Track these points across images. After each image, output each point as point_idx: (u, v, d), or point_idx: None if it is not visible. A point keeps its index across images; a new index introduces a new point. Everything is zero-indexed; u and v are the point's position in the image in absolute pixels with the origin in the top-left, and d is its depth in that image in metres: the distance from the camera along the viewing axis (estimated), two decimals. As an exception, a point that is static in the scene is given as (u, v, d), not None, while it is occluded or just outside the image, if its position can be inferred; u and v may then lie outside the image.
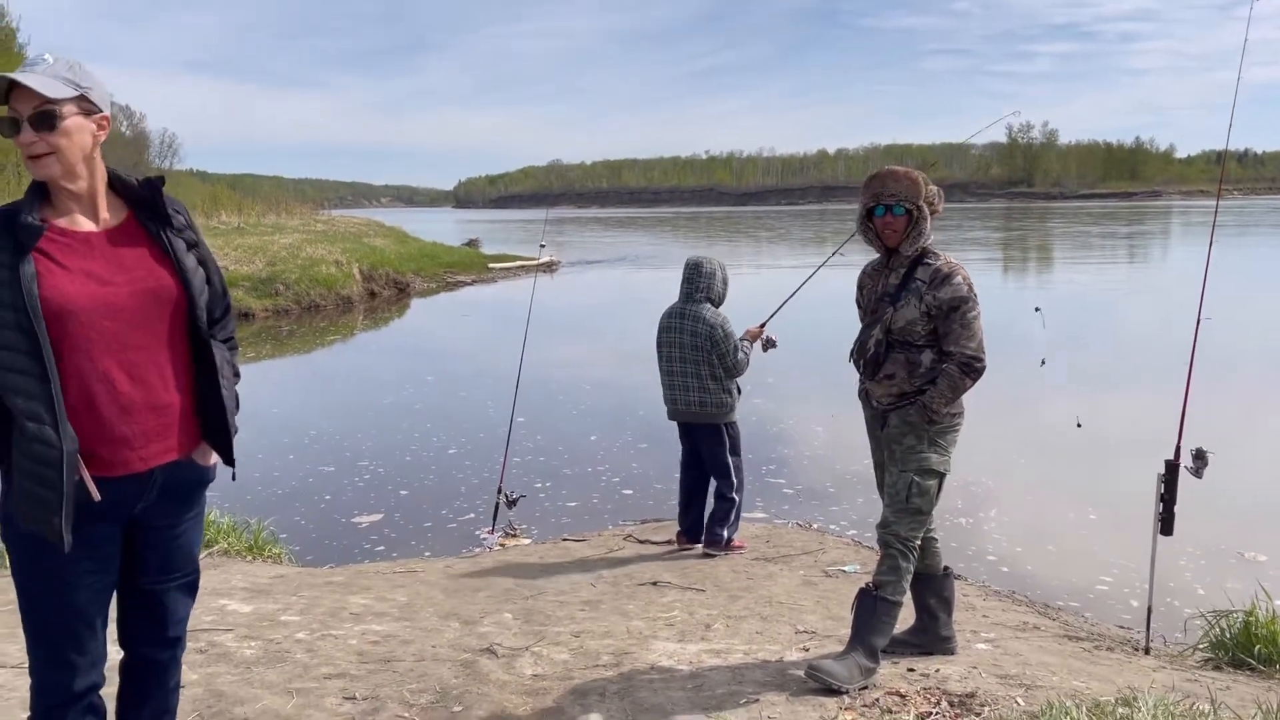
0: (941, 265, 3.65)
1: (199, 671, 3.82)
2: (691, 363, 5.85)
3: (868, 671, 3.46)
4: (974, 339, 3.59)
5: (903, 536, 3.57)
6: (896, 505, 3.59)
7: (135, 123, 70.34)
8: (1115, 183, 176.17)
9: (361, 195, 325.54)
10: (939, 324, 3.60)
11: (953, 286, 3.60)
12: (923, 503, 3.58)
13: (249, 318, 20.11)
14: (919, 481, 3.58)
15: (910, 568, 3.58)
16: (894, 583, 3.56)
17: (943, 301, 3.58)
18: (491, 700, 3.50)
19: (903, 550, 3.57)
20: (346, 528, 7.27)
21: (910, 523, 3.57)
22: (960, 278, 3.61)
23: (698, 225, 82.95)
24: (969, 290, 3.60)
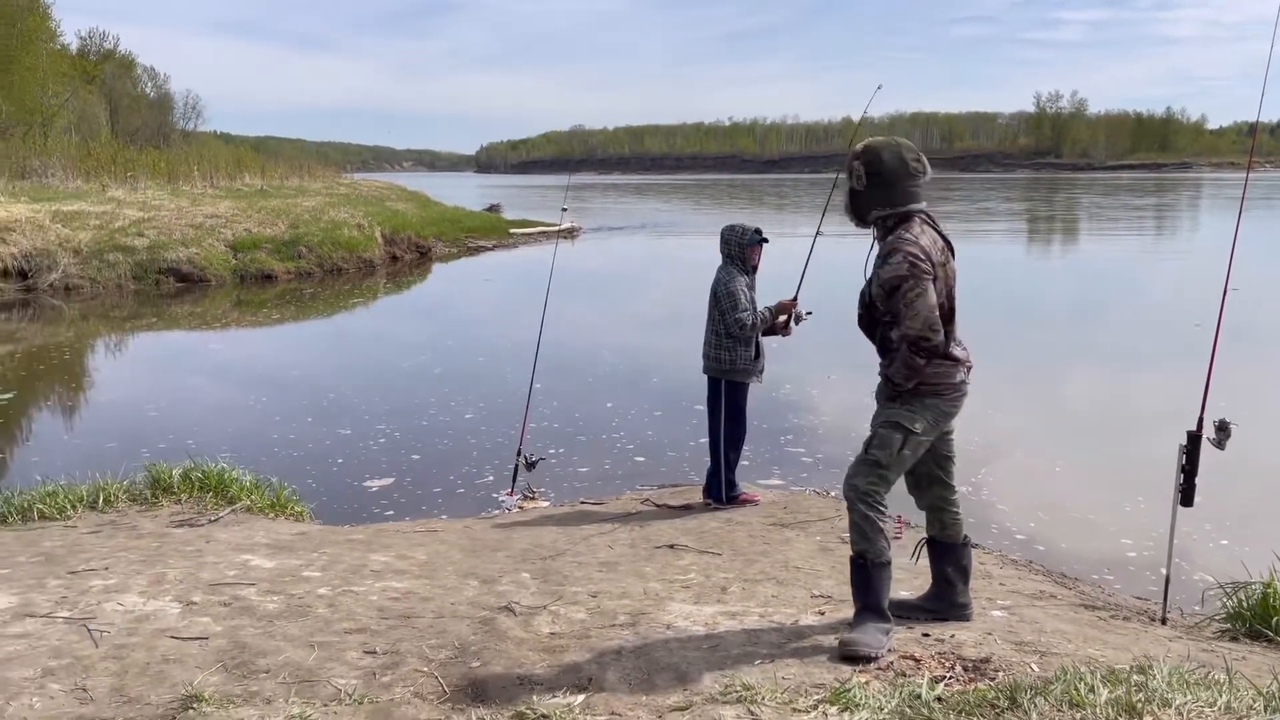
0: (890, 241, 3.59)
1: (223, 624, 3.89)
2: (710, 319, 6.23)
3: (886, 632, 3.49)
4: (916, 319, 3.50)
5: (860, 490, 3.53)
6: (857, 458, 3.63)
7: (160, 84, 70.52)
8: (1145, 153, 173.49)
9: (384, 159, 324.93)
10: (886, 303, 3.60)
11: (892, 266, 3.53)
12: (882, 455, 3.54)
13: (272, 280, 20.21)
14: (881, 433, 3.58)
15: (876, 520, 3.52)
16: (867, 546, 3.53)
17: (885, 281, 3.55)
18: (509, 657, 3.55)
19: (863, 505, 3.52)
20: (357, 491, 7.31)
21: (869, 475, 3.54)
22: (900, 256, 3.51)
23: (718, 192, 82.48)
24: (909, 269, 3.49)
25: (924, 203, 3.67)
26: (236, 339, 14.87)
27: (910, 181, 3.63)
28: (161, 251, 19.53)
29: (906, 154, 3.66)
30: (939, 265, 3.59)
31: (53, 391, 11.16)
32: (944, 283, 3.61)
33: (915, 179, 3.65)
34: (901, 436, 3.57)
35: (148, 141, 52.76)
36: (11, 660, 3.47)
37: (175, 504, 6.07)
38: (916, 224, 3.61)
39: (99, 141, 40.53)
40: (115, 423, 9.39)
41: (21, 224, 18.94)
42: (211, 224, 21.45)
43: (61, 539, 5.25)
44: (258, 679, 3.34)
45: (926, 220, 3.67)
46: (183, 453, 7.30)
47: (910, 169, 3.64)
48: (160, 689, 3.25)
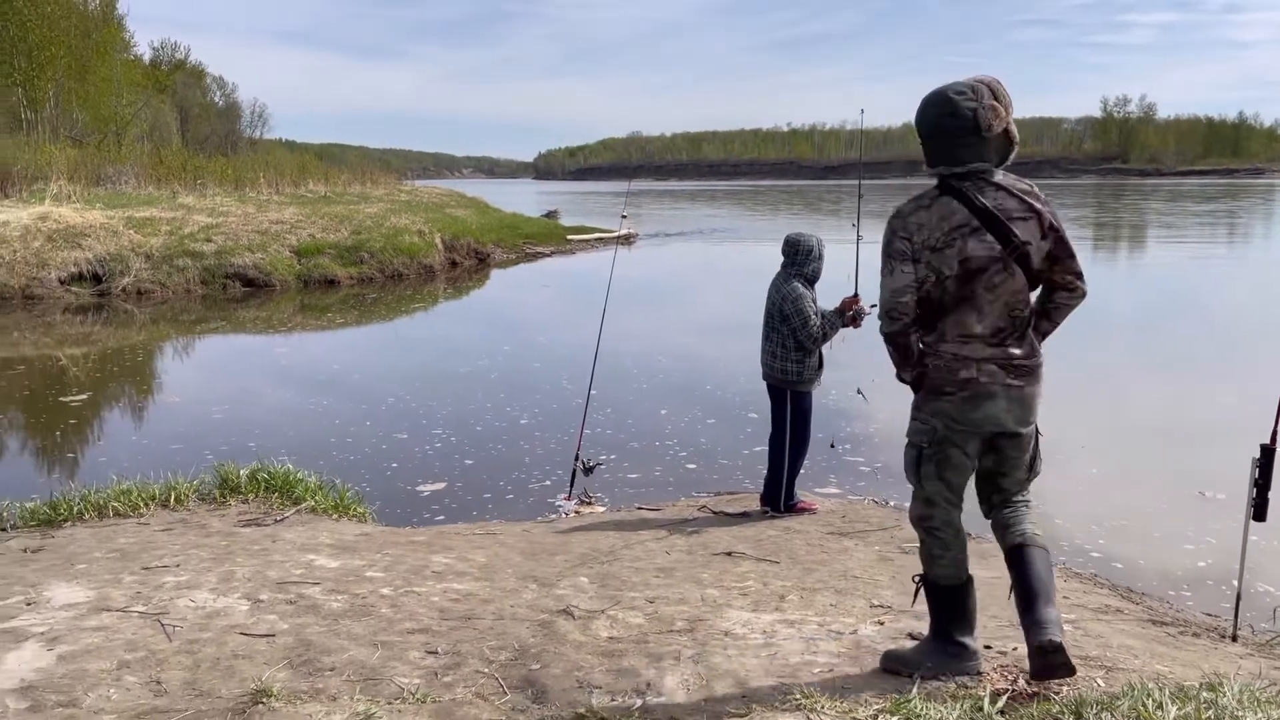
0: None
1: (289, 621, 3.98)
2: (770, 329, 6.25)
3: (947, 655, 3.26)
4: (879, 302, 3.28)
5: (912, 516, 3.39)
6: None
7: (228, 93, 72.31)
8: (1216, 159, 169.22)
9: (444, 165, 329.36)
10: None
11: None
12: (910, 476, 3.35)
13: (335, 285, 20.58)
14: (905, 453, 3.38)
15: (931, 545, 3.30)
16: (926, 569, 3.35)
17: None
18: (568, 659, 3.58)
19: (919, 530, 3.35)
20: (409, 495, 7.38)
21: (913, 500, 3.37)
22: (885, 229, 3.23)
23: (774, 198, 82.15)
24: (883, 245, 3.22)
25: (967, 165, 3.12)
26: (300, 343, 15.17)
27: (942, 141, 3.14)
28: (228, 257, 20.00)
29: (930, 107, 3.15)
30: (924, 248, 3.14)
31: (124, 393, 11.49)
32: (931, 268, 3.14)
33: (948, 137, 3.13)
34: (915, 453, 3.32)
35: (216, 149, 54.14)
36: (89, 652, 3.59)
37: (242, 503, 6.22)
38: (930, 195, 3.18)
39: (170, 149, 41.64)
40: (181, 424, 9.63)
41: (96, 230, 19.54)
42: (276, 230, 21.91)
43: (135, 536, 5.41)
44: (323, 676, 3.42)
45: (956, 190, 3.13)
46: (244, 454, 7.48)
47: (940, 125, 3.14)
48: (230, 683, 3.33)
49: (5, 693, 3.23)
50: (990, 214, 3.10)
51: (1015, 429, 3.20)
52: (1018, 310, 3.17)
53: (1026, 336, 3.20)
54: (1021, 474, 3.30)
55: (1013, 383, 3.15)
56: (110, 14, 49.54)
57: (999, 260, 3.11)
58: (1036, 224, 3.14)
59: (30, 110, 41.65)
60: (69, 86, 43.64)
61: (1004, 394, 3.15)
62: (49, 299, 17.63)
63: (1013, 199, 3.13)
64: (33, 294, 17.63)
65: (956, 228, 3.11)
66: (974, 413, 3.17)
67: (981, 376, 3.15)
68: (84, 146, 36.04)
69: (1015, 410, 3.17)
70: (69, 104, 43.82)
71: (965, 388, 3.17)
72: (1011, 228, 3.10)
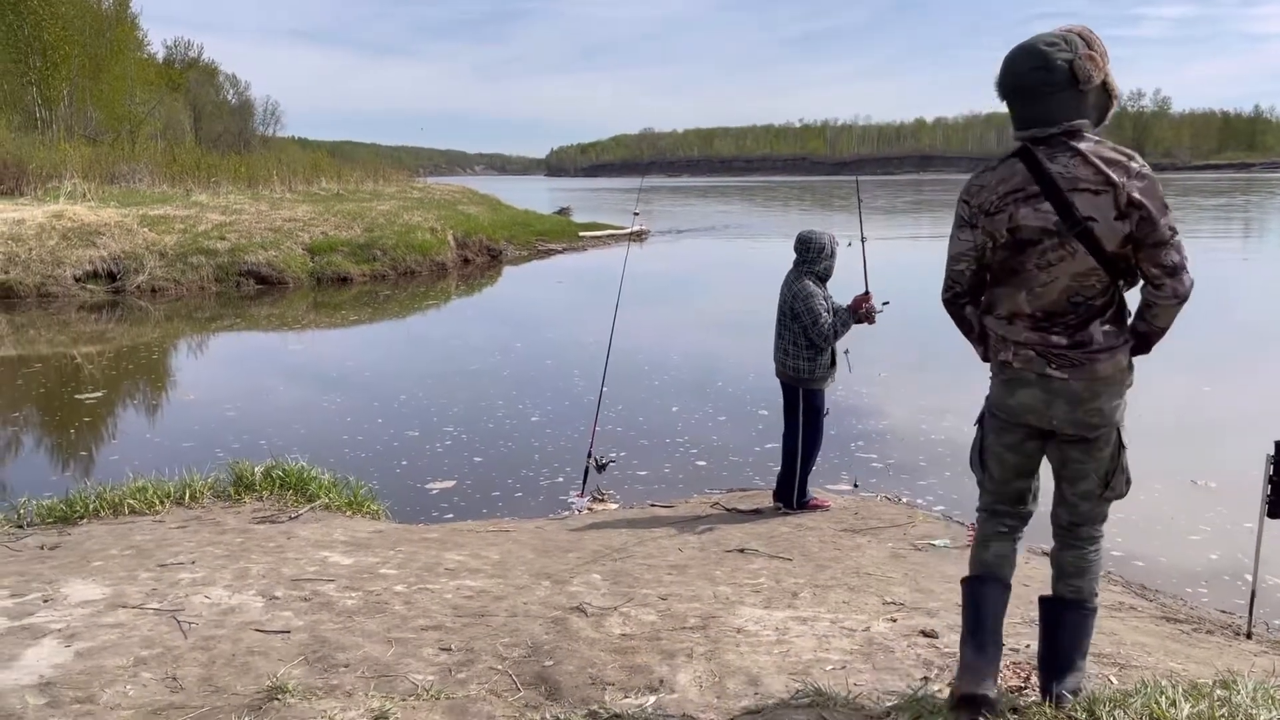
0: None
1: (304, 618, 4.00)
2: (782, 326, 6.27)
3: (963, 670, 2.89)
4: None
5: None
6: None
7: (241, 91, 72.55)
8: (1232, 153, 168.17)
9: (456, 163, 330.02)
10: None
11: None
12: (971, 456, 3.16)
13: (348, 282, 20.65)
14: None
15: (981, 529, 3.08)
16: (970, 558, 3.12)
17: None
18: (581, 656, 3.59)
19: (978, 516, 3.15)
20: (419, 493, 7.36)
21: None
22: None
23: (787, 194, 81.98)
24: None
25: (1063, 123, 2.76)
26: (313, 340, 15.22)
27: (1034, 98, 2.79)
28: (242, 254, 20.08)
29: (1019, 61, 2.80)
30: (980, 212, 2.91)
31: (138, 391, 11.55)
32: (985, 233, 2.90)
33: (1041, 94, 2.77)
34: (978, 431, 3.09)
35: (229, 147, 54.31)
36: (106, 649, 3.62)
37: (257, 501, 6.25)
38: (1001, 158, 2.92)
39: (184, 147, 41.87)
40: (195, 422, 9.68)
41: (111, 228, 19.65)
42: (290, 227, 21.99)
43: (151, 533, 5.45)
44: (338, 673, 3.44)
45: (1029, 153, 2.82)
46: (256, 452, 7.52)
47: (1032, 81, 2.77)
48: (246, 680, 3.36)
49: (24, 689, 3.26)
50: (1052, 181, 2.76)
51: (1064, 429, 2.85)
52: (1083, 296, 2.78)
53: (1088, 327, 2.79)
54: (1091, 487, 2.90)
55: (1054, 374, 2.82)
56: (124, 13, 49.80)
57: (1054, 234, 2.76)
58: (1111, 199, 2.70)
59: (45, 109, 41.90)
60: (83, 85, 43.87)
61: (1040, 385, 2.84)
62: (64, 297, 17.74)
63: (1088, 167, 2.73)
64: (48, 292, 17.74)
65: (1012, 192, 2.83)
66: (1009, 399, 2.93)
67: (1016, 361, 2.88)
68: (98, 145, 36.24)
69: (1059, 407, 2.82)
70: (83, 102, 44.05)
71: (1002, 371, 2.95)
72: (1072, 199, 2.73)
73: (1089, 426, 2.83)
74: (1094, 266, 2.75)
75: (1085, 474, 2.89)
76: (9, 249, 18.09)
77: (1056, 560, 3.00)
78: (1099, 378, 2.80)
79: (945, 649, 3.61)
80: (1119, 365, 2.82)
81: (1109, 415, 2.84)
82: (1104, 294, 2.79)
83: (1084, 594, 2.95)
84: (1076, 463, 2.89)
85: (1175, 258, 2.74)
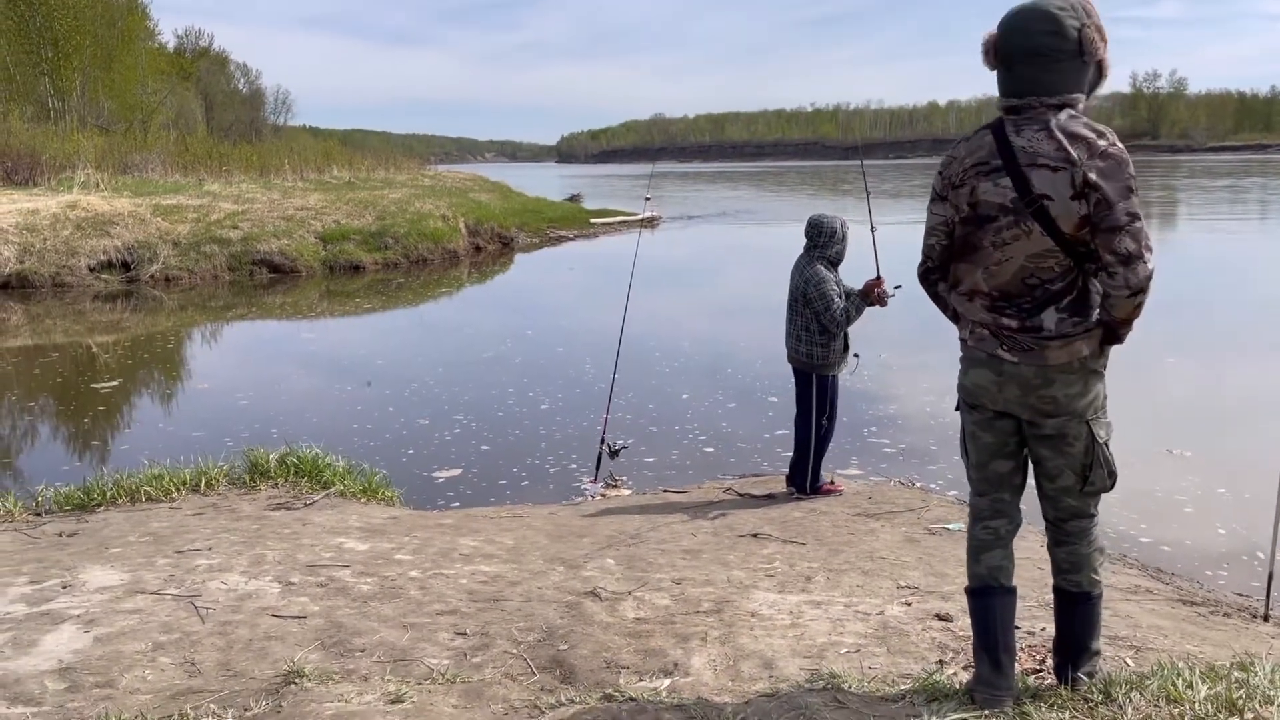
0: None
1: (320, 604, 4.03)
2: (794, 312, 6.24)
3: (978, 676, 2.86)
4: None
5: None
6: None
7: (252, 80, 72.63)
8: (1248, 135, 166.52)
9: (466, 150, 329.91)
10: None
11: None
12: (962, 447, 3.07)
13: (360, 270, 20.68)
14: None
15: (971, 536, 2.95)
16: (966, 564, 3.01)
17: None
18: (596, 640, 3.61)
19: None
20: (424, 481, 7.32)
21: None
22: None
23: (798, 179, 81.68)
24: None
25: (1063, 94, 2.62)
26: (326, 329, 15.27)
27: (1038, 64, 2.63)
28: (255, 243, 20.13)
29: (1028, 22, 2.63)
30: (948, 185, 2.81)
31: (152, 380, 11.61)
32: (951, 207, 2.81)
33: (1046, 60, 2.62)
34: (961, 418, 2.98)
35: (241, 136, 54.43)
36: (125, 634, 3.65)
37: (272, 488, 6.28)
38: (981, 128, 2.79)
39: (195, 137, 41.97)
40: (207, 410, 9.72)
41: (124, 217, 19.72)
42: (302, 216, 22.03)
43: (167, 520, 5.48)
44: (354, 657, 3.46)
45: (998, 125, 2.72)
46: (267, 440, 7.55)
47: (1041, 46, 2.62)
48: (263, 664, 3.38)
49: (44, 673, 3.29)
50: (1013, 155, 2.63)
51: (1017, 414, 2.75)
52: (1038, 279, 2.66)
53: (1042, 312, 2.66)
54: (1069, 483, 2.78)
55: (1004, 355, 2.72)
56: (134, 2, 49.87)
57: (1010, 211, 2.65)
58: (1068, 177, 2.56)
59: (57, 99, 42.05)
60: (95, 75, 44.01)
61: (991, 366, 2.75)
62: (79, 286, 17.83)
63: (1051, 141, 2.59)
64: (63, 282, 17.83)
65: (976, 165, 2.72)
66: (965, 379, 2.88)
67: (971, 340, 2.82)
68: (111, 135, 36.33)
69: (1010, 390, 2.73)
70: (95, 93, 44.17)
71: (962, 348, 2.88)
72: (1029, 175, 2.60)
73: (1041, 414, 2.72)
74: (1051, 248, 2.62)
75: (1060, 470, 2.78)
76: (24, 239, 18.18)
77: (1052, 557, 2.94)
78: (1050, 364, 2.67)
79: (960, 632, 3.61)
80: (1076, 354, 2.66)
81: (1065, 404, 2.69)
82: (1063, 278, 2.65)
83: (1084, 586, 2.89)
84: (1048, 460, 2.79)
85: (1130, 245, 2.54)
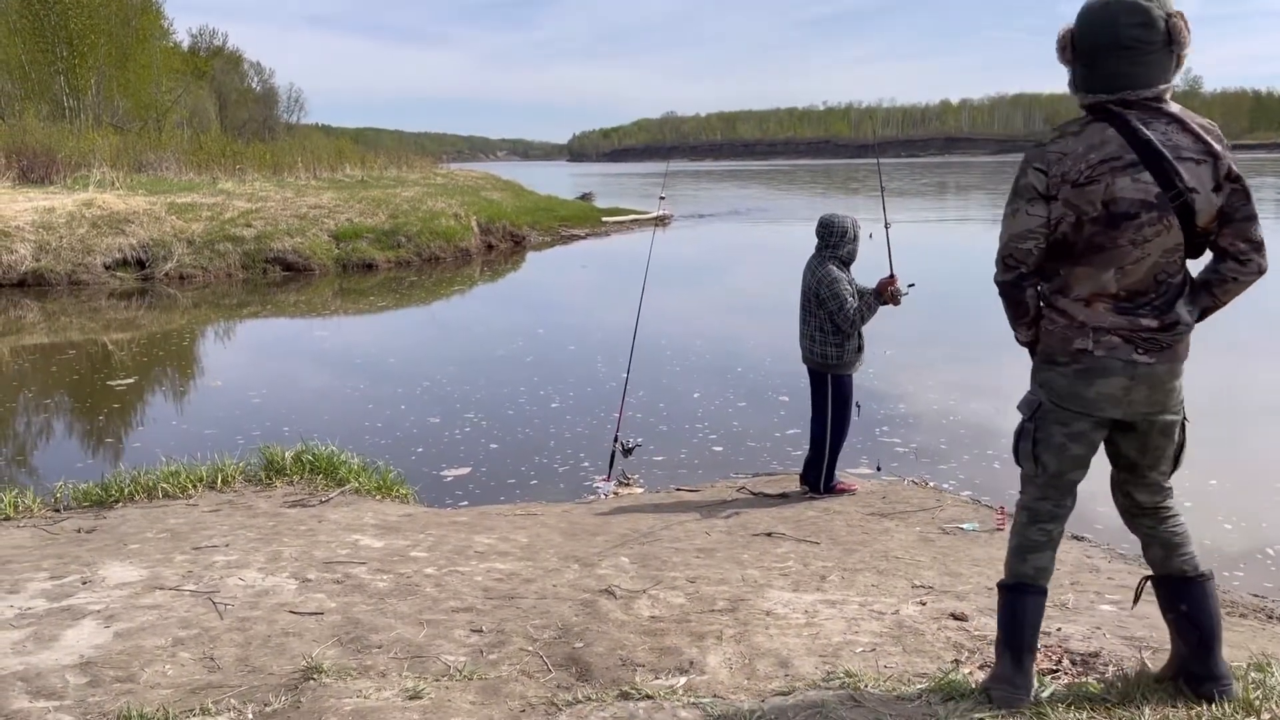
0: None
1: (337, 600, 4.05)
2: (807, 312, 6.24)
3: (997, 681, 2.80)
4: (998, 246, 2.76)
5: (1019, 502, 2.89)
6: None
7: (265, 79, 72.89)
8: (1264, 133, 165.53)
9: (478, 149, 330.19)
10: None
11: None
12: (1017, 452, 2.86)
13: (373, 269, 20.74)
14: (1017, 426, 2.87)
15: (1021, 537, 2.83)
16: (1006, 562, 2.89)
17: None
18: (611, 638, 3.62)
19: (1017, 514, 2.88)
20: (433, 480, 7.31)
21: (1023, 482, 2.88)
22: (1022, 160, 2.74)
23: (810, 177, 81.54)
24: (1014, 179, 2.73)
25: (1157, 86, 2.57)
26: (339, 327, 15.33)
27: (1127, 57, 2.56)
28: (268, 241, 20.22)
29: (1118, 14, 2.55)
30: (1063, 182, 2.62)
31: (167, 377, 11.68)
32: (1070, 206, 2.62)
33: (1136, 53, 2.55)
34: (1018, 426, 2.85)
35: (254, 134, 54.66)
36: (144, 630, 3.68)
37: (288, 485, 6.32)
38: (1081, 122, 2.66)
39: (209, 135, 42.11)
40: (221, 408, 9.76)
41: (140, 216, 19.83)
42: (315, 214, 22.11)
43: (185, 516, 5.52)
44: (371, 653, 3.48)
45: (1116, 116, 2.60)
46: (279, 438, 7.56)
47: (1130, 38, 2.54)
48: (281, 660, 3.40)
49: (66, 668, 3.33)
50: (1154, 149, 2.55)
51: (1145, 415, 2.68)
52: (1167, 274, 2.63)
53: (1173, 308, 2.63)
54: (1168, 466, 2.80)
55: (1139, 359, 2.63)
56: (149, 1, 50.04)
57: (1154, 207, 2.56)
58: (1211, 169, 2.55)
59: (73, 98, 42.25)
60: (110, 74, 44.19)
61: (1125, 372, 2.63)
62: (95, 284, 17.94)
63: (1186, 134, 2.56)
64: (79, 279, 17.94)
65: (1106, 160, 2.58)
66: (1085, 390, 2.68)
67: (1098, 350, 2.64)
68: (125, 133, 36.50)
69: (1140, 392, 2.65)
70: (110, 91, 44.38)
71: (1077, 359, 2.67)
72: (1179, 168, 2.54)
73: (1163, 409, 2.69)
74: (1180, 242, 2.61)
75: (1163, 457, 2.77)
76: (40, 237, 18.30)
77: (1158, 540, 2.83)
78: (1178, 359, 2.67)
79: (975, 632, 3.61)
80: (1188, 343, 2.70)
81: (1179, 395, 2.72)
82: (1181, 270, 2.66)
83: (1200, 563, 2.80)
84: (1158, 448, 2.75)
85: (1261, 233, 2.64)
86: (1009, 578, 2.85)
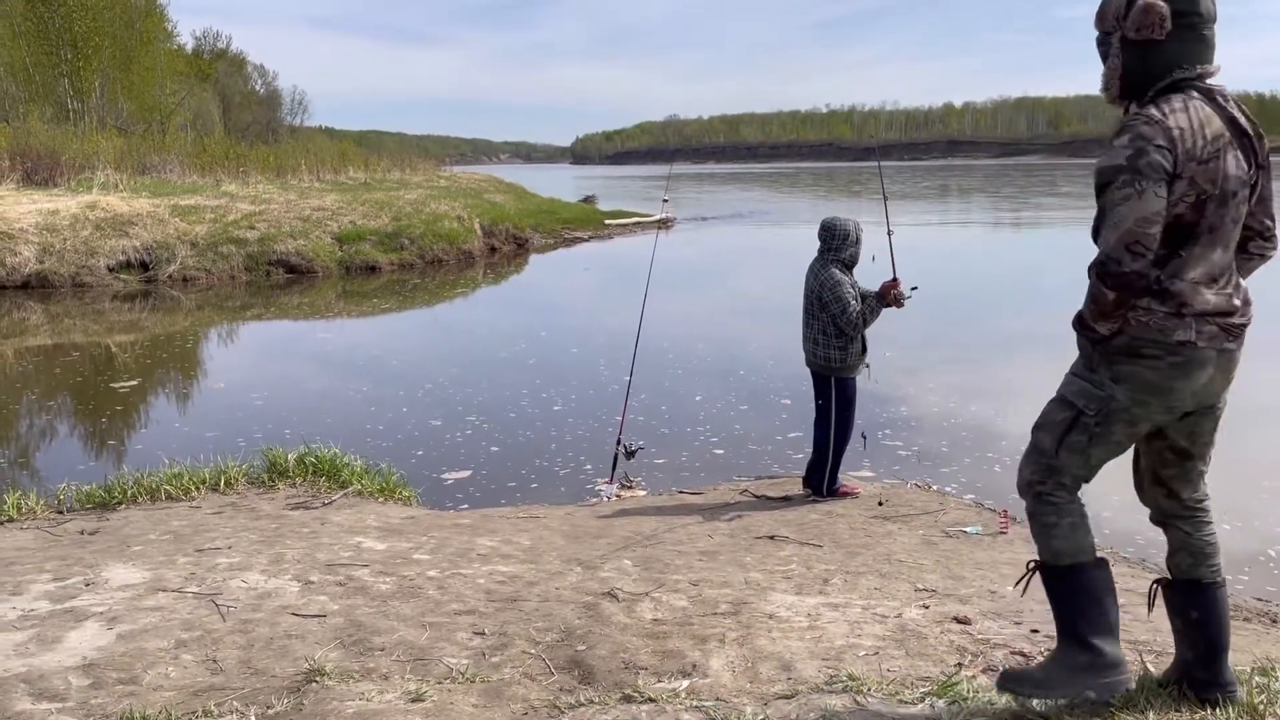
0: (1126, 117, 2.56)
1: (339, 603, 4.05)
2: (810, 315, 6.25)
3: (1082, 669, 2.67)
4: (1115, 230, 2.43)
5: (1024, 480, 2.72)
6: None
7: (268, 81, 72.97)
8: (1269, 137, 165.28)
9: (481, 151, 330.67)
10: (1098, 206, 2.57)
11: (1113, 151, 2.48)
12: (1044, 439, 2.66)
13: (376, 271, 20.76)
14: (1048, 408, 2.69)
15: (1044, 516, 2.67)
16: (1041, 548, 2.72)
17: (1099, 171, 2.51)
18: (614, 641, 3.62)
19: (1029, 498, 2.71)
20: (433, 483, 7.27)
21: (1033, 464, 2.69)
22: (1128, 138, 2.46)
23: (813, 180, 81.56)
24: (1129, 158, 2.43)
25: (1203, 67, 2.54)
26: (342, 329, 15.34)
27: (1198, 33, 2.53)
28: (271, 244, 20.25)
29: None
30: (1189, 159, 2.45)
31: (170, 379, 11.70)
32: (1195, 185, 2.46)
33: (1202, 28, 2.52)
34: (1069, 416, 2.62)
35: (257, 137, 54.71)
36: (147, 632, 3.68)
37: (290, 487, 6.32)
38: (1179, 98, 2.50)
39: (213, 138, 42.20)
40: (223, 410, 9.77)
41: (143, 218, 19.86)
42: (318, 217, 22.13)
43: (187, 519, 5.53)
44: (374, 656, 3.48)
45: (1201, 94, 2.53)
46: (280, 440, 7.56)
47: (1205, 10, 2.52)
48: (284, 662, 3.41)
49: (68, 670, 3.33)
50: (1241, 126, 2.53)
51: (1206, 402, 2.61)
52: (1234, 252, 2.62)
53: (1243, 285, 2.63)
54: (1207, 464, 2.74)
55: (1228, 346, 2.55)
56: (153, 4, 50.14)
57: (1246, 184, 2.54)
58: (1265, 148, 2.62)
59: (77, 100, 42.31)
60: (114, 76, 44.24)
61: (1215, 361, 2.53)
62: (98, 286, 17.97)
63: (1242, 114, 2.56)
64: (82, 282, 17.97)
65: (1218, 136, 2.48)
66: (1181, 384, 2.53)
67: (1200, 340, 2.50)
68: (129, 136, 36.55)
69: (1219, 381, 2.58)
70: (114, 94, 44.42)
71: (1176, 352, 2.50)
72: (1260, 146, 2.57)
73: (1220, 396, 2.64)
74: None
75: (1210, 444, 2.71)
76: (44, 239, 18.34)
77: (1189, 549, 2.75)
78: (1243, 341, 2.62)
79: (978, 635, 3.61)
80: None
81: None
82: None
83: (1221, 571, 2.76)
84: (1207, 435, 2.67)
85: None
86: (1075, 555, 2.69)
